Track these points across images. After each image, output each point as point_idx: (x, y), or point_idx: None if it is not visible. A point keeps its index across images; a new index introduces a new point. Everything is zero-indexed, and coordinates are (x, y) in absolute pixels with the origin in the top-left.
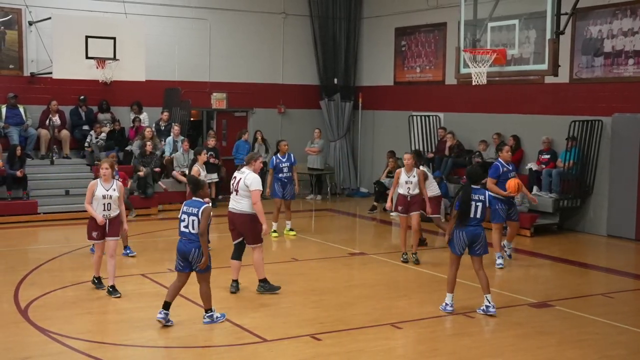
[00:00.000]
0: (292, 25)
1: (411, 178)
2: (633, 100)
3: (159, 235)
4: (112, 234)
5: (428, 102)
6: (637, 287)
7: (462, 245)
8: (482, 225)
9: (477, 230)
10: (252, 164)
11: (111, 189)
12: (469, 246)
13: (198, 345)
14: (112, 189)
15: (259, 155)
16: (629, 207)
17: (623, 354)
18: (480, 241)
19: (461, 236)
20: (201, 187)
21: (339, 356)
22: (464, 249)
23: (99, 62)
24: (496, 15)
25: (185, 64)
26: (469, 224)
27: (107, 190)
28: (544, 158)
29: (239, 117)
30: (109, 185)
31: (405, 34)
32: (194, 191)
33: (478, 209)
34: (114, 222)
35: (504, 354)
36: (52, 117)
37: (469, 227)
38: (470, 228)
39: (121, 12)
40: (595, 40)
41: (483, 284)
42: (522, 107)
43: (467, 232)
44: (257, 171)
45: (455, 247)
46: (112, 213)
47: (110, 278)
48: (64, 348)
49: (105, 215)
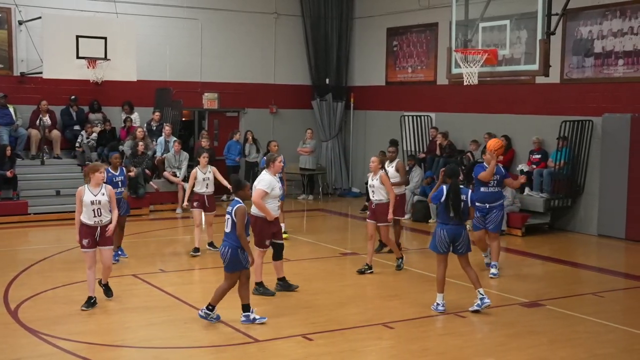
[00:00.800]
0: (283, 25)
1: (374, 181)
2: (623, 100)
3: (150, 235)
4: (105, 242)
5: (420, 102)
6: (627, 286)
7: (445, 244)
8: (464, 224)
9: (458, 230)
10: (270, 167)
11: (99, 193)
12: (452, 245)
13: (189, 346)
14: (101, 194)
15: (276, 155)
16: (619, 207)
17: (612, 352)
18: (462, 240)
19: (442, 235)
20: (242, 188)
21: (331, 356)
22: (448, 248)
23: (90, 62)
24: (487, 15)
25: (176, 64)
26: (449, 222)
27: (96, 195)
28: (535, 158)
29: (231, 117)
30: (98, 190)
31: (397, 34)
32: (234, 191)
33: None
34: (106, 229)
35: (495, 353)
36: (43, 117)
37: (449, 225)
38: (451, 226)
39: (112, 11)
40: (586, 40)
41: (473, 279)
42: (513, 107)
43: (448, 230)
44: (277, 172)
45: (438, 247)
46: (104, 219)
47: (105, 277)
48: (54, 349)
49: (97, 221)
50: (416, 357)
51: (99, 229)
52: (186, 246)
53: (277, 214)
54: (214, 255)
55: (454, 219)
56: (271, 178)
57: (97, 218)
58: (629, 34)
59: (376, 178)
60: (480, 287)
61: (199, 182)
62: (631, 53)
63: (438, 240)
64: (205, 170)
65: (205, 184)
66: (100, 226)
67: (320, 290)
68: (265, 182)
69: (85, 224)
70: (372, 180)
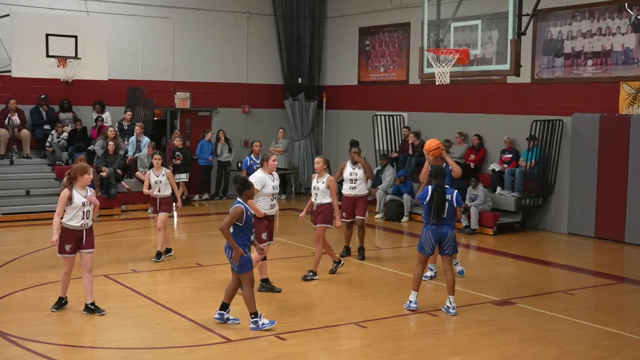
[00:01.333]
0: (256, 25)
1: (319, 184)
2: (592, 100)
3: (122, 235)
4: (88, 246)
5: (392, 102)
6: (597, 283)
7: (431, 245)
8: (451, 224)
9: (444, 230)
10: (265, 165)
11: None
12: (439, 246)
13: (161, 346)
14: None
15: (269, 155)
16: (589, 206)
17: (582, 349)
18: (448, 241)
19: (428, 236)
20: (247, 188)
21: (304, 355)
22: (433, 249)
23: (60, 61)
24: (459, 15)
25: (148, 63)
26: (435, 223)
27: (85, 197)
28: (506, 157)
29: (203, 116)
30: (85, 192)
31: (369, 34)
32: (239, 192)
33: (445, 208)
34: (90, 232)
35: (468, 351)
36: (12, 116)
37: (435, 226)
38: (436, 227)
39: (83, 10)
40: (556, 41)
41: (449, 284)
42: (484, 106)
43: (433, 231)
44: (272, 170)
45: (425, 249)
46: (90, 222)
47: (88, 295)
48: (23, 351)
49: (84, 224)
50: (389, 356)
51: (84, 232)
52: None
53: (272, 211)
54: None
55: (439, 220)
56: (263, 175)
57: (85, 221)
58: (598, 35)
59: (322, 181)
60: (452, 295)
61: (153, 186)
62: (600, 54)
63: (424, 241)
64: (159, 173)
65: (157, 187)
66: (86, 229)
67: (292, 290)
68: (256, 179)
69: (69, 228)
70: (316, 182)
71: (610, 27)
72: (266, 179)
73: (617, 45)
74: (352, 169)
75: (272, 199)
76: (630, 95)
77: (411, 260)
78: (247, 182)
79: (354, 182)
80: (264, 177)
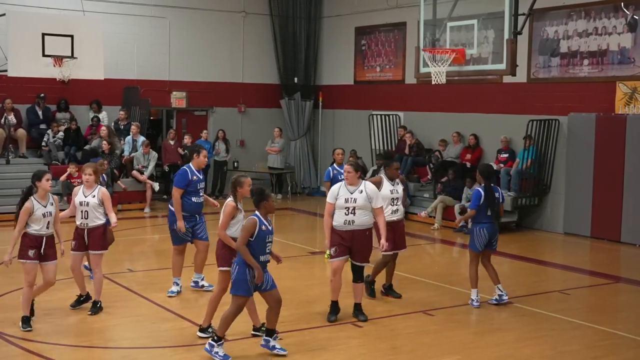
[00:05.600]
0: (252, 24)
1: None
2: (588, 100)
3: (118, 235)
4: (94, 247)
5: (388, 101)
6: (592, 283)
7: (483, 241)
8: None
9: (495, 226)
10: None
11: (90, 195)
12: (488, 241)
13: (157, 345)
14: (92, 196)
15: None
16: (585, 205)
17: (577, 349)
18: (496, 237)
19: (482, 233)
20: (265, 199)
21: (300, 355)
22: (485, 245)
23: (56, 60)
24: (455, 15)
25: (144, 63)
26: (488, 221)
27: (86, 197)
28: (502, 157)
29: (199, 116)
30: (89, 192)
31: (365, 33)
32: (255, 203)
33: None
34: (94, 232)
35: (463, 351)
36: (8, 115)
37: (488, 223)
38: (490, 225)
39: (79, 9)
40: (552, 40)
41: (493, 276)
42: (481, 106)
43: (488, 228)
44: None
45: (477, 244)
46: (90, 222)
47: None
48: (19, 350)
49: (83, 224)
50: (385, 356)
51: (86, 231)
52: (154, 246)
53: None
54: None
55: (492, 217)
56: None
57: (84, 220)
58: (594, 35)
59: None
60: (499, 283)
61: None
62: (596, 53)
63: (477, 239)
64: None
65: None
66: (87, 229)
67: (288, 289)
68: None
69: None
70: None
71: (607, 26)
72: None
73: (613, 44)
74: (391, 185)
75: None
76: (626, 95)
77: (406, 259)
78: (264, 193)
79: (395, 201)
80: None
